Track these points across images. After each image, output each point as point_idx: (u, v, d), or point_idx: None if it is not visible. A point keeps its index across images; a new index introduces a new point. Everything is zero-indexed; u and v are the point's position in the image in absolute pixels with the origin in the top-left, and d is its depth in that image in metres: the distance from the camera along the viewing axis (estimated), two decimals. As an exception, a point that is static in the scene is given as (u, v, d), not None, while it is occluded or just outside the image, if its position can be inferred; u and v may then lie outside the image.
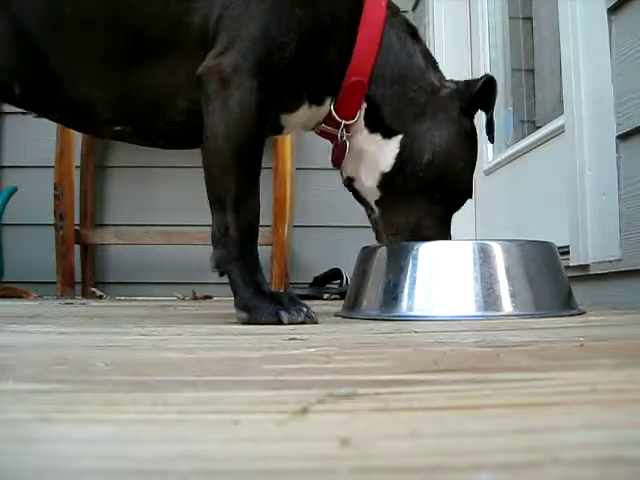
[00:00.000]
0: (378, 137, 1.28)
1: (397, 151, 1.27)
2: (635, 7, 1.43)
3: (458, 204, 1.35)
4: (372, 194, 1.32)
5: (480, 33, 2.58)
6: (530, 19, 2.58)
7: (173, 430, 0.39)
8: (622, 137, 1.47)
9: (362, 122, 1.27)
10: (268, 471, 0.32)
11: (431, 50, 2.63)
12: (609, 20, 1.51)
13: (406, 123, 1.27)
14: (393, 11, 1.30)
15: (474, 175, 1.38)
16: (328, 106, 1.25)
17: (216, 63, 1.11)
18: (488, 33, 2.57)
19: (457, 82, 1.33)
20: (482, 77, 1.33)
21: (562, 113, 1.73)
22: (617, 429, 0.38)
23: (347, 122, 1.26)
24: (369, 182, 1.31)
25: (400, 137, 1.27)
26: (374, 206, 1.33)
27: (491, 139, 1.37)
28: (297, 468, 0.32)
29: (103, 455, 0.34)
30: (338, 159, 1.31)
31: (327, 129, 1.29)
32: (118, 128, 1.25)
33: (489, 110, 1.32)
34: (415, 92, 1.27)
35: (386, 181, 1.29)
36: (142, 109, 1.21)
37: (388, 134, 1.27)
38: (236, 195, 1.11)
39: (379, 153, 1.28)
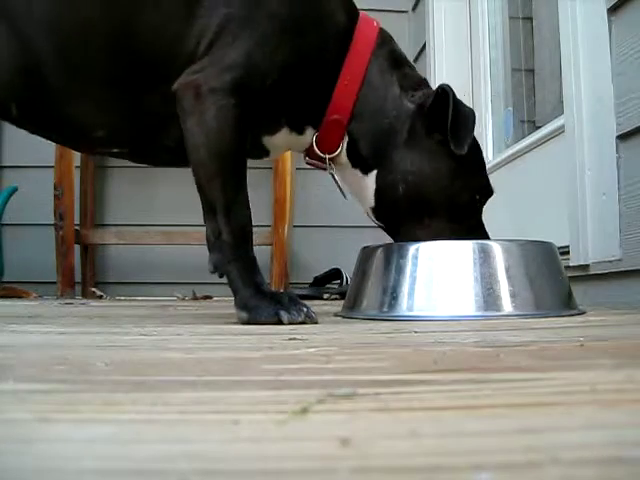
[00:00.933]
0: (358, 172, 1.29)
1: (374, 187, 1.28)
2: (635, 7, 1.43)
3: (465, 216, 1.30)
4: (381, 226, 1.34)
5: (480, 33, 2.58)
6: (530, 19, 2.58)
7: (173, 430, 0.39)
8: (622, 137, 1.47)
9: (344, 156, 1.28)
10: (268, 471, 0.32)
11: (431, 50, 2.61)
12: (609, 20, 1.51)
13: (381, 156, 1.26)
14: (383, 39, 1.29)
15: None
16: (310, 136, 1.27)
17: (193, 79, 1.12)
18: (488, 33, 2.57)
19: (423, 95, 1.27)
20: (436, 88, 1.26)
21: (562, 113, 1.73)
22: (617, 429, 0.38)
23: (330, 156, 1.27)
24: (370, 216, 1.33)
25: (375, 172, 1.27)
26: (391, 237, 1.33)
27: (455, 146, 1.22)
28: (297, 468, 0.32)
29: (103, 455, 0.34)
30: (341, 190, 1.35)
31: (313, 162, 1.32)
32: (116, 150, 1.28)
33: (447, 122, 1.22)
34: (390, 124, 1.26)
35: (379, 214, 1.31)
36: (140, 132, 1.23)
37: (365, 169, 1.28)
38: (224, 202, 1.12)
39: (362, 189, 1.30)
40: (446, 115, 1.22)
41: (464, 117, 1.26)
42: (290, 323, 1.06)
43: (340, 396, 0.45)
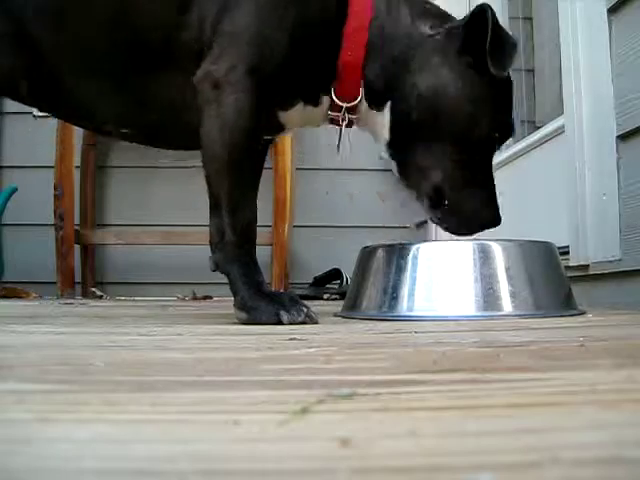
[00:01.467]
0: (374, 111, 1.22)
1: (389, 118, 1.20)
2: (635, 7, 1.43)
3: (490, 147, 1.24)
4: (394, 167, 1.26)
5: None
6: (530, 19, 2.58)
7: (173, 430, 0.39)
8: (622, 137, 1.47)
9: (364, 101, 1.21)
10: (268, 471, 0.32)
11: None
12: (609, 20, 1.51)
13: (394, 87, 1.19)
14: None
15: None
16: (325, 107, 1.23)
17: (210, 69, 1.12)
18: (488, 33, 2.57)
19: (452, 22, 1.21)
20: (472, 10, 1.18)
21: (562, 113, 1.73)
22: (617, 429, 0.38)
23: (349, 104, 1.21)
24: (385, 155, 1.26)
25: (389, 104, 1.20)
26: (394, 167, 1.26)
27: (495, 67, 1.15)
28: (297, 468, 0.32)
29: (103, 455, 0.34)
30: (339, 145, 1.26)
31: (334, 115, 1.24)
32: (125, 130, 1.27)
33: (485, 40, 1.13)
34: (401, 54, 1.19)
35: (393, 147, 1.22)
36: (147, 114, 1.23)
37: (380, 104, 1.21)
38: (232, 198, 1.12)
39: (377, 125, 1.23)
40: (484, 34, 1.13)
41: (505, 38, 1.16)
42: (290, 323, 1.06)
43: (340, 396, 0.45)
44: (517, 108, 2.48)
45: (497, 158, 2.37)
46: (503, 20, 2.58)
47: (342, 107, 1.21)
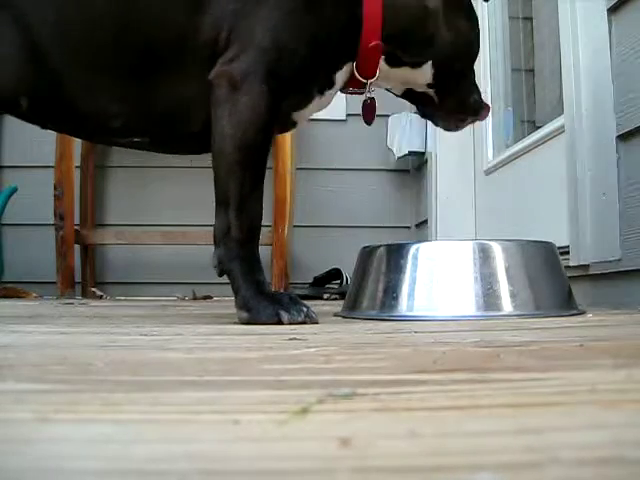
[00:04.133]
0: (407, 69, 1.30)
1: (432, 72, 1.30)
2: (635, 7, 1.43)
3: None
4: (427, 95, 1.36)
5: (480, 33, 2.58)
6: (530, 19, 2.58)
7: (173, 430, 0.39)
8: (622, 137, 1.47)
9: (386, 68, 1.28)
10: (268, 471, 0.32)
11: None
12: (609, 20, 1.51)
13: (427, 50, 1.29)
14: None
15: (474, 174, 1.38)
16: (340, 83, 1.25)
17: (226, 69, 1.12)
18: (488, 33, 2.57)
19: None
20: None
21: (562, 113, 1.73)
22: (617, 429, 0.38)
23: (371, 80, 1.27)
24: (421, 88, 1.35)
25: (430, 63, 1.29)
26: (434, 97, 1.36)
27: None
28: (297, 468, 0.32)
29: (103, 455, 0.34)
30: (369, 118, 1.34)
31: (353, 90, 1.30)
32: (136, 139, 1.26)
33: None
34: (423, 25, 1.28)
35: (437, 85, 1.34)
36: (159, 120, 1.22)
37: (415, 65, 1.30)
38: (240, 196, 1.12)
39: (416, 78, 1.32)
40: None
41: None
42: (290, 323, 1.06)
43: (340, 396, 0.45)
44: (517, 108, 2.49)
45: (497, 158, 2.38)
46: (503, 20, 2.59)
47: (365, 81, 1.28)
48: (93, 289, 2.72)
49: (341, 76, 1.25)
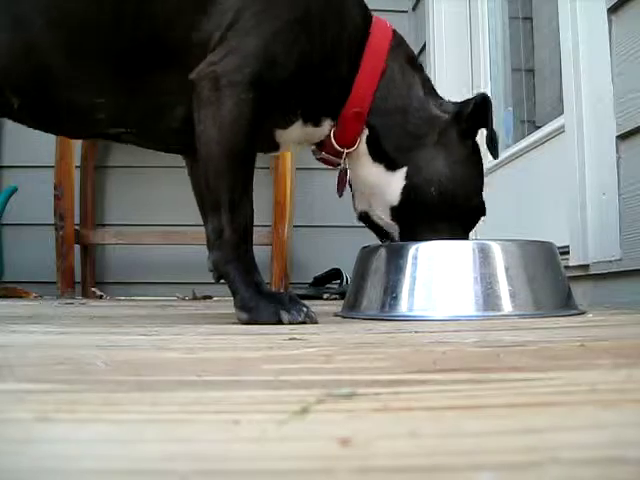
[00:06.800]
0: (382, 169, 1.28)
1: (404, 184, 1.27)
2: (635, 7, 1.43)
3: (473, 222, 1.35)
4: (391, 227, 1.32)
5: (480, 33, 2.58)
6: (530, 19, 2.58)
7: (173, 430, 0.39)
8: (622, 137, 1.47)
9: (364, 148, 1.27)
10: (268, 471, 0.32)
11: (431, 50, 2.62)
12: (609, 20, 1.51)
13: (410, 155, 1.27)
14: (397, 41, 1.30)
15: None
16: (327, 129, 1.26)
17: (211, 70, 1.11)
18: (488, 33, 2.57)
19: (454, 104, 1.32)
20: (475, 97, 1.32)
21: (562, 113, 1.73)
22: (617, 429, 0.38)
23: (348, 150, 1.27)
24: (384, 216, 1.31)
25: (405, 169, 1.27)
26: (396, 236, 1.32)
27: (494, 154, 1.32)
28: (297, 468, 0.32)
29: (103, 455, 0.34)
30: (339, 188, 1.33)
31: (328, 157, 1.30)
32: (122, 130, 1.25)
33: (487, 127, 1.30)
34: (416, 123, 1.27)
35: (398, 213, 1.29)
36: (147, 114, 1.21)
37: (392, 166, 1.27)
38: (231, 198, 1.11)
39: (386, 186, 1.28)
40: (484, 123, 1.28)
41: (493, 126, 1.31)
42: (290, 323, 1.06)
43: (340, 396, 0.45)
44: (517, 108, 2.49)
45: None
46: (503, 20, 2.59)
47: (340, 152, 1.27)
48: (93, 289, 2.73)
49: (327, 125, 1.25)
